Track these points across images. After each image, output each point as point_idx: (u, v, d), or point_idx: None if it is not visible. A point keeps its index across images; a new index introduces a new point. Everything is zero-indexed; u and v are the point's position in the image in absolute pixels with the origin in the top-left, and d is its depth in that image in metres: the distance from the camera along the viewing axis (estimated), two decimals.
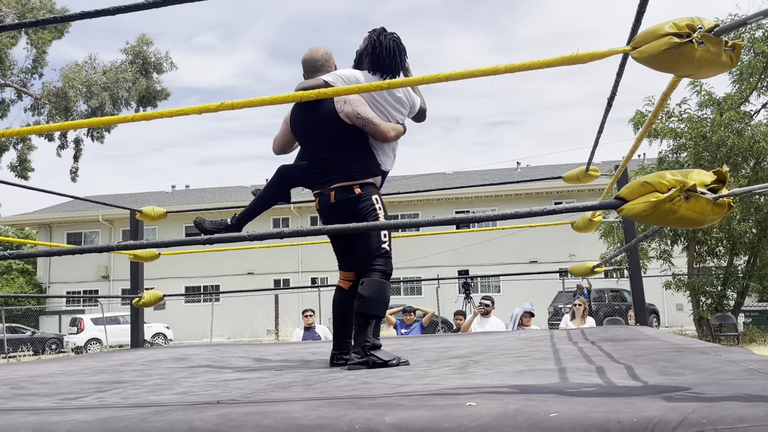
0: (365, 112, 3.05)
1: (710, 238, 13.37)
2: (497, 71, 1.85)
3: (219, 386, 2.40)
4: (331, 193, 3.08)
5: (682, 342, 3.34)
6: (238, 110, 2.12)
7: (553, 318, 17.22)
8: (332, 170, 3.09)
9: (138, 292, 5.38)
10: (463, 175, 30.09)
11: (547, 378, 2.16)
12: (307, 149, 3.22)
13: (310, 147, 3.19)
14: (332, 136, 3.09)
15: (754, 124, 12.58)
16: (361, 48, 3.24)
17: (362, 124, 3.06)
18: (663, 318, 21.39)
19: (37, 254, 2.27)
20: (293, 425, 1.45)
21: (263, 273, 25.64)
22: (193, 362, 3.65)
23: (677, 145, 12.99)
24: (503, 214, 1.86)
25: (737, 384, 1.74)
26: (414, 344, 4.29)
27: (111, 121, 2.59)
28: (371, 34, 3.23)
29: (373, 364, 2.89)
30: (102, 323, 20.17)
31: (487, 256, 24.23)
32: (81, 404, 2.05)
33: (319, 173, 3.14)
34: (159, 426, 1.53)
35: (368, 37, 3.23)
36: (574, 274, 5.36)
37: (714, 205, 1.66)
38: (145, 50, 24.26)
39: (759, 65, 12.29)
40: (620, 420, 1.30)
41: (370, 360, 2.90)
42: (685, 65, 1.74)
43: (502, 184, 11.24)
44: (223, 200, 28.31)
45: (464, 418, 1.40)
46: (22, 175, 25.15)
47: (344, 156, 3.09)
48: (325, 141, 3.11)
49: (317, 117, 3.11)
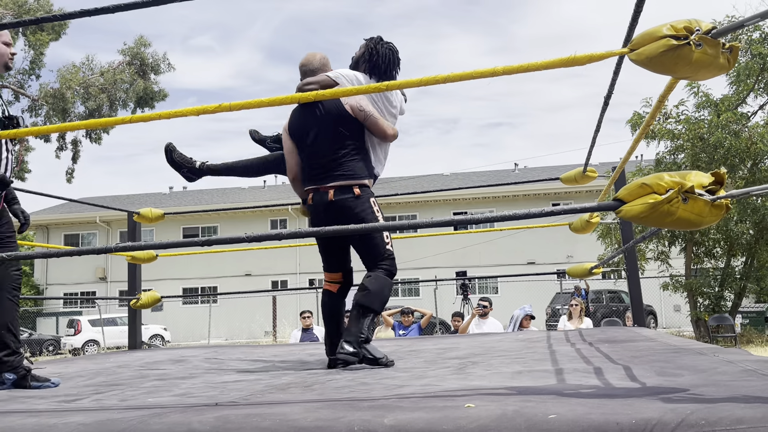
0: (367, 106, 3.11)
1: (707, 240, 13.38)
2: (495, 73, 1.86)
3: (217, 388, 2.40)
4: (330, 191, 3.09)
5: (679, 343, 3.34)
6: (236, 111, 2.11)
7: (551, 319, 17.22)
8: (331, 168, 3.11)
9: (135, 294, 5.37)
10: (460, 176, 30.11)
11: (546, 379, 2.16)
12: (307, 147, 3.22)
13: (311, 145, 3.19)
14: (334, 133, 3.12)
15: (752, 125, 12.60)
16: (358, 54, 3.31)
17: (363, 117, 3.11)
18: (660, 319, 21.41)
19: (35, 256, 2.27)
20: (292, 427, 1.45)
21: (261, 274, 25.61)
22: (191, 364, 3.64)
23: (675, 147, 13.00)
24: (501, 216, 1.86)
25: (735, 385, 1.74)
26: (412, 345, 4.29)
27: (109, 122, 2.59)
28: (368, 42, 3.29)
29: (364, 358, 2.91)
30: (99, 325, 20.13)
31: (485, 258, 24.24)
32: (79, 406, 2.05)
33: (319, 169, 3.15)
34: (157, 428, 1.53)
35: (365, 45, 3.29)
36: (572, 276, 5.36)
37: (712, 207, 1.66)
38: (143, 51, 24.25)
39: (756, 67, 12.31)
40: (619, 421, 1.30)
41: (362, 353, 2.91)
42: (682, 67, 1.74)
43: (500, 185, 11.19)
44: (221, 202, 28.29)
45: (463, 419, 1.40)
46: (19, 176, 25.12)
47: (344, 155, 3.11)
48: (326, 138, 3.13)
49: (320, 112, 3.14)
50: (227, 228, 27.32)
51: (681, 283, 13.69)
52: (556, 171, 24.45)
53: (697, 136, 12.41)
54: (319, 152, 3.15)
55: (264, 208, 19.72)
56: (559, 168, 26.55)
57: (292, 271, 25.65)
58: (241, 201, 27.88)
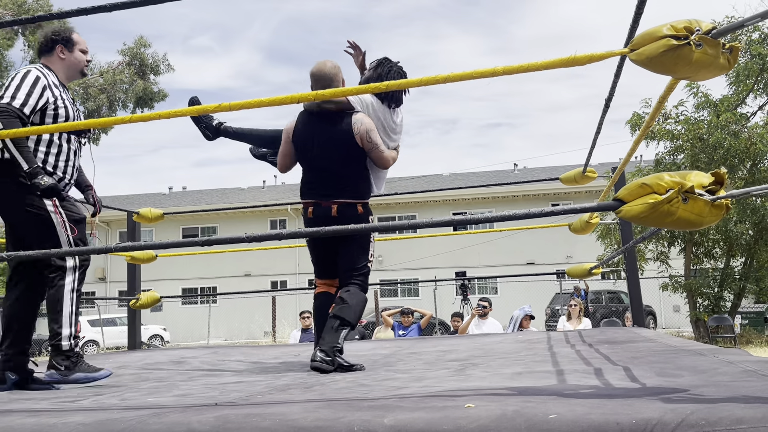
0: (375, 138, 3.19)
1: (707, 240, 13.38)
2: (495, 73, 1.86)
3: (217, 388, 2.40)
4: (333, 207, 3.15)
5: (679, 343, 3.34)
6: (236, 111, 2.11)
7: (551, 320, 17.22)
8: (334, 184, 3.17)
9: (135, 294, 5.37)
10: (460, 176, 30.10)
11: (546, 380, 2.16)
12: (310, 160, 3.26)
13: (315, 158, 3.23)
14: (342, 152, 3.17)
15: (751, 126, 12.59)
16: (370, 75, 3.38)
17: (369, 148, 3.20)
18: (660, 320, 21.42)
19: (34, 255, 2.27)
20: (292, 427, 1.45)
21: (260, 275, 25.59)
22: (191, 365, 3.64)
23: (674, 147, 13.00)
24: (501, 216, 1.86)
25: (735, 385, 1.75)
26: (412, 346, 4.29)
27: (109, 122, 2.59)
28: (378, 67, 3.37)
29: (339, 366, 2.94)
30: (99, 325, 20.11)
31: (485, 258, 24.24)
32: (79, 406, 2.05)
33: (321, 184, 3.20)
34: (157, 428, 1.53)
35: (375, 69, 3.37)
36: (572, 276, 5.37)
37: (712, 207, 1.66)
38: (143, 52, 24.23)
39: (755, 67, 12.31)
40: (619, 421, 1.30)
41: (336, 361, 2.94)
42: (682, 67, 1.74)
43: (500, 185, 11.19)
44: (221, 202, 28.27)
45: (463, 419, 1.40)
46: None
47: (349, 174, 3.20)
48: (332, 155, 3.18)
49: (331, 131, 3.19)
50: (226, 228, 27.31)
51: (680, 284, 13.69)
52: (555, 171, 24.46)
53: (696, 136, 12.41)
54: (322, 167, 3.21)
55: (263, 208, 19.76)
56: (559, 168, 26.56)
57: (291, 272, 25.65)
58: (241, 201, 27.87)
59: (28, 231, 2.78)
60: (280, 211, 25.96)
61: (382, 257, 25.14)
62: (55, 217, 2.76)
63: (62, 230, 2.76)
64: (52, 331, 2.70)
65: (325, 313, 3.25)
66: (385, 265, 25.14)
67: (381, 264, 25.22)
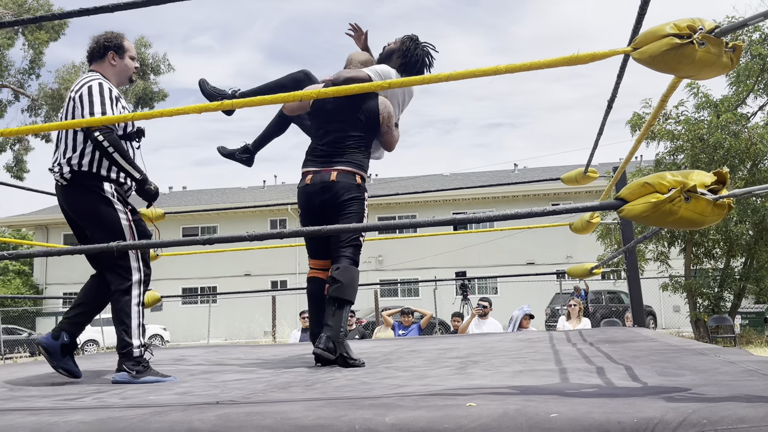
0: (392, 122, 3.31)
1: (707, 240, 13.37)
2: (498, 71, 1.85)
3: (218, 387, 2.40)
4: (333, 173, 3.17)
5: (680, 343, 3.34)
6: (236, 110, 2.11)
7: (551, 319, 17.21)
8: (338, 154, 3.21)
9: None
10: (460, 176, 30.09)
11: (547, 379, 2.16)
12: (324, 125, 3.30)
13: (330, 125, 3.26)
14: (353, 119, 3.23)
15: (751, 126, 12.59)
16: (394, 47, 3.43)
17: (386, 131, 3.31)
18: (660, 320, 21.41)
19: (36, 254, 2.27)
20: (293, 425, 1.45)
21: (260, 274, 25.58)
22: (191, 363, 3.64)
23: (674, 147, 13.00)
24: (502, 215, 1.86)
25: (737, 385, 1.74)
26: (412, 345, 4.28)
27: (110, 120, 2.58)
28: (406, 40, 3.42)
29: (339, 357, 2.97)
30: (99, 324, 20.09)
31: (485, 258, 24.23)
32: (80, 405, 2.05)
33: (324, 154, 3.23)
34: (158, 426, 1.52)
35: (402, 41, 3.42)
36: (572, 276, 5.36)
37: (714, 206, 1.66)
38: (143, 52, 24.23)
39: (756, 67, 12.30)
40: (620, 420, 1.30)
41: (342, 356, 2.97)
42: (685, 66, 1.74)
43: (500, 185, 11.22)
44: (221, 201, 28.26)
45: (464, 418, 1.39)
46: (18, 176, 25.08)
47: (352, 145, 3.23)
48: (347, 127, 3.23)
49: (356, 105, 3.23)
50: (227, 228, 27.30)
51: (680, 284, 13.68)
52: (555, 171, 24.48)
53: (696, 136, 12.41)
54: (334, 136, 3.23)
55: (264, 207, 19.73)
56: (559, 168, 26.56)
57: (291, 271, 25.63)
58: (241, 201, 27.86)
59: (101, 240, 2.81)
60: (281, 210, 25.95)
61: (382, 257, 25.15)
62: (127, 231, 2.84)
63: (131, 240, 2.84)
64: (123, 341, 2.74)
65: (319, 297, 3.28)
66: (385, 265, 25.15)
67: (381, 264, 25.22)
